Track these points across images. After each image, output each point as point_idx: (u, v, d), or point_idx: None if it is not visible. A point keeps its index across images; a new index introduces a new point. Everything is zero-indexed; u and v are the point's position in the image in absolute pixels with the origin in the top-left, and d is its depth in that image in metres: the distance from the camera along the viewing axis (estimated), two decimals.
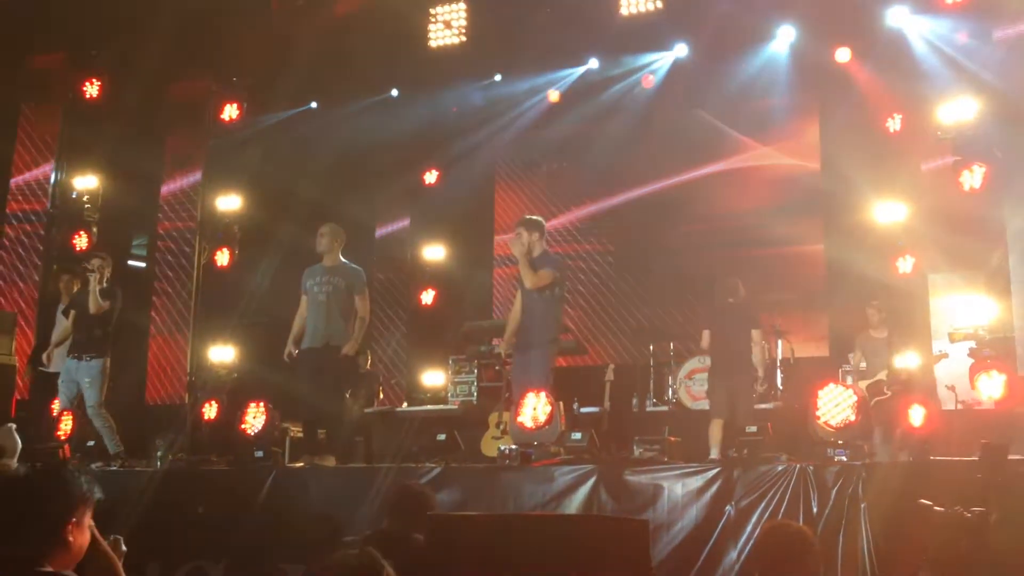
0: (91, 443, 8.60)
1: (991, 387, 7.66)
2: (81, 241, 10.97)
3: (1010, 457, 5.81)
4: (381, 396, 10.64)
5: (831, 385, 6.90)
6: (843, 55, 10.55)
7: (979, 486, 3.56)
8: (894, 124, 10.54)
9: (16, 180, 11.80)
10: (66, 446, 3.02)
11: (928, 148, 9.87)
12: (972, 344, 8.19)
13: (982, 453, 3.72)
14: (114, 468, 8.15)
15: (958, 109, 8.75)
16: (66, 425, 8.40)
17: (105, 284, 8.81)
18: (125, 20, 10.74)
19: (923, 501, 3.80)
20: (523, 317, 7.57)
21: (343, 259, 8.09)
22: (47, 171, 11.76)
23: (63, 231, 11.33)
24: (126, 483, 7.49)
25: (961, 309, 9.02)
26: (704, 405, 9.60)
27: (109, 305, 8.76)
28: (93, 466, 8.07)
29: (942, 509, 3.57)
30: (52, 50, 11.60)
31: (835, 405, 6.74)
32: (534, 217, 7.95)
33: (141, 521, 6.75)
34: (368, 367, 10.65)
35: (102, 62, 11.42)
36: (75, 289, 9.62)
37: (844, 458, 6.27)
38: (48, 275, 11.30)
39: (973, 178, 8.66)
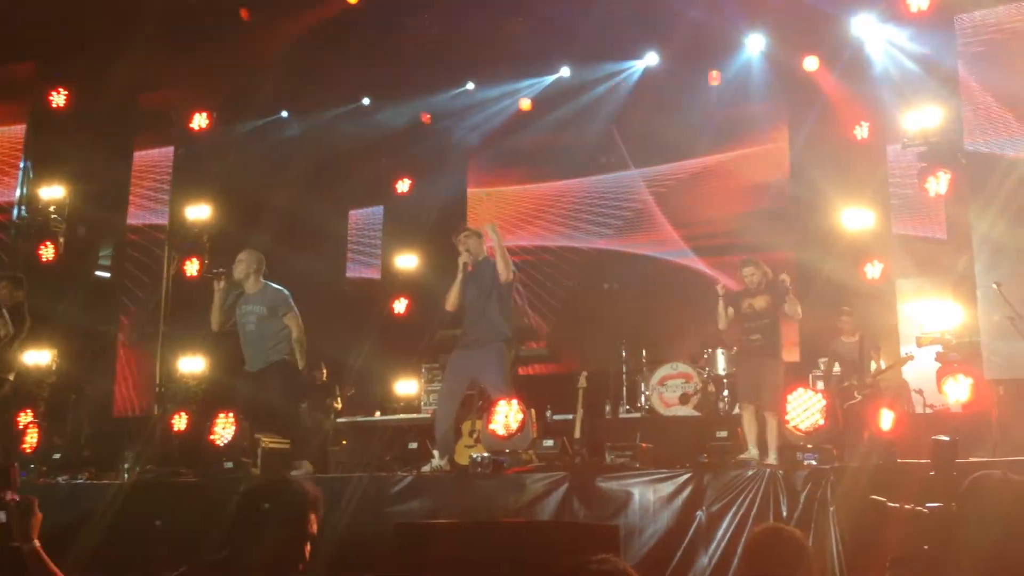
0: (57, 455, 8.48)
1: (958, 391, 7.73)
2: (48, 252, 10.82)
3: (972, 459, 5.89)
4: (340, 406, 10.54)
5: (800, 390, 6.96)
6: (811, 63, 10.67)
7: (933, 484, 3.57)
8: (861, 132, 10.67)
9: None
10: (15, 465, 2.90)
11: (895, 155, 9.98)
12: (939, 348, 8.27)
13: (932, 450, 3.74)
14: (81, 481, 8.04)
15: (923, 116, 8.85)
16: (31, 438, 8.29)
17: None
18: (93, 29, 10.63)
19: (875, 497, 3.81)
20: (471, 314, 7.51)
21: (264, 282, 7.90)
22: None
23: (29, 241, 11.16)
24: (93, 496, 7.39)
25: (928, 314, 9.10)
26: (676, 411, 9.66)
27: None
28: (60, 479, 7.97)
29: (897, 505, 3.57)
30: (20, 59, 11.46)
31: (804, 410, 6.80)
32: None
33: (109, 534, 6.66)
34: (324, 379, 10.58)
35: (70, 71, 11.30)
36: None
37: (813, 462, 6.31)
38: None
39: (939, 184, 8.75)
